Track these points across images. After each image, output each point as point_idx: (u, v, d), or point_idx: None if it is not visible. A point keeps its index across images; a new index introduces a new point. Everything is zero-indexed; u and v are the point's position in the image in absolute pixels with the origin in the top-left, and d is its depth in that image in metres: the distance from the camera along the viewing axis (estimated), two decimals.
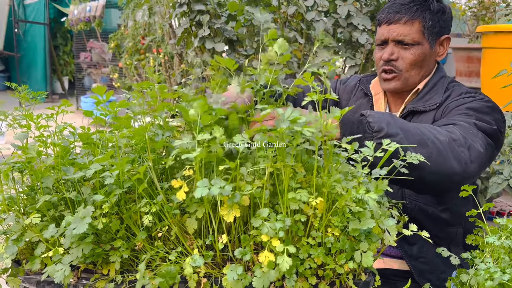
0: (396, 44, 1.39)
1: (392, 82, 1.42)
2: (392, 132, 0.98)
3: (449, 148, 1.04)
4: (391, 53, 1.39)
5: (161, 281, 0.79)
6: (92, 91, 6.17)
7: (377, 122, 0.99)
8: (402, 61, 1.39)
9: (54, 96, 9.70)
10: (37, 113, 0.95)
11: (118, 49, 7.02)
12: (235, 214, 0.75)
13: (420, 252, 1.33)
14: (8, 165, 0.90)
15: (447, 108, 1.33)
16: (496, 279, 0.80)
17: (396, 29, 1.37)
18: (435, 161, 1.00)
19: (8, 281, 0.89)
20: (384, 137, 0.95)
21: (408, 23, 1.36)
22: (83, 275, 0.87)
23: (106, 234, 0.86)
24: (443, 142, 1.04)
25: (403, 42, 1.37)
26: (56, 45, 10.53)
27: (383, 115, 1.01)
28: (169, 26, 3.41)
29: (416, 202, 1.32)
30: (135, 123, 1.00)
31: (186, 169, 0.83)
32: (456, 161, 1.04)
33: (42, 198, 0.84)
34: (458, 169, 1.04)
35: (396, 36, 1.37)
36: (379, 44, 1.44)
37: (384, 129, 0.98)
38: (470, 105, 1.27)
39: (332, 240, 0.78)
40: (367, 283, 0.80)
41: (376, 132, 0.98)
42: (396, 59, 1.39)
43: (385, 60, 1.40)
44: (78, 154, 1.01)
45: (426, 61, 1.40)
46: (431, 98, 1.38)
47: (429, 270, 1.17)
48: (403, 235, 1.25)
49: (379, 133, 0.98)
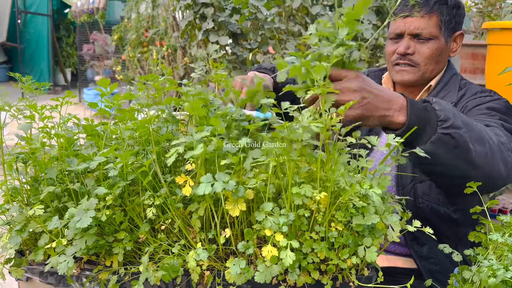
0: (412, 38, 1.34)
1: (408, 74, 1.36)
2: (457, 124, 0.91)
3: (499, 151, 1.00)
4: (407, 46, 1.34)
5: (164, 274, 0.79)
6: (96, 83, 6.19)
7: (444, 110, 0.90)
8: (419, 55, 1.34)
9: (57, 88, 9.70)
10: (40, 104, 0.95)
11: (121, 42, 7.01)
12: (241, 208, 0.75)
13: (430, 252, 1.30)
14: (12, 156, 0.90)
15: (465, 108, 1.29)
16: (499, 276, 0.79)
17: (413, 22, 1.32)
18: (489, 162, 0.96)
19: (12, 271, 0.89)
20: (450, 128, 0.89)
21: (425, 16, 1.31)
22: (86, 267, 0.88)
23: (109, 226, 0.86)
24: (495, 143, 1.00)
25: (420, 36, 1.33)
26: (59, 36, 10.52)
27: (447, 104, 0.94)
28: (172, 19, 3.40)
29: (428, 202, 1.30)
30: (139, 116, 1.00)
31: (189, 163, 0.83)
32: (503, 164, 1.01)
33: (46, 189, 0.84)
34: (504, 173, 1.01)
35: (413, 30, 1.32)
36: (392, 37, 1.39)
37: (450, 119, 0.90)
38: (490, 105, 1.23)
39: (335, 235, 0.78)
40: (369, 278, 0.80)
41: (442, 121, 0.89)
42: (412, 53, 1.34)
43: (401, 54, 1.35)
44: (82, 145, 1.01)
45: (441, 56, 1.36)
46: (445, 97, 1.34)
47: (439, 270, 1.15)
48: (413, 235, 1.25)
49: (445, 123, 0.89)
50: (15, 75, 0.98)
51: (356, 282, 0.79)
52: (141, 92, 0.96)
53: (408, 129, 0.87)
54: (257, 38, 2.45)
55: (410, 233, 1.31)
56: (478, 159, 0.92)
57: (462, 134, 0.90)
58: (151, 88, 0.97)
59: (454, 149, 0.89)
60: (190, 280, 0.82)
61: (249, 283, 0.80)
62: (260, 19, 2.43)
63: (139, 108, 0.97)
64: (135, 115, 0.96)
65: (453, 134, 0.88)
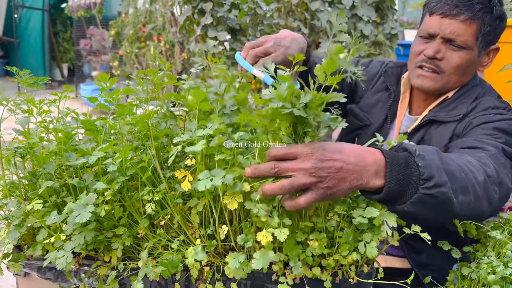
0: (444, 42, 1.22)
1: (430, 81, 1.26)
2: (441, 181, 0.80)
3: (485, 190, 0.92)
4: (437, 50, 1.22)
5: (163, 269, 0.79)
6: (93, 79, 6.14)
7: (427, 167, 0.79)
8: (447, 62, 1.23)
9: (54, 83, 9.65)
10: (37, 100, 0.94)
11: (118, 37, 6.97)
12: (238, 200, 0.75)
13: (429, 259, 1.29)
14: (10, 150, 0.89)
15: (470, 124, 1.20)
16: (498, 273, 0.80)
17: (450, 26, 1.20)
18: (472, 207, 0.89)
19: (10, 266, 0.89)
20: (433, 187, 0.79)
21: (465, 22, 1.18)
22: (84, 262, 0.87)
23: (108, 221, 0.85)
24: (480, 184, 0.91)
25: (454, 42, 1.21)
26: (55, 31, 10.45)
27: (432, 156, 0.83)
28: (170, 14, 3.38)
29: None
30: (138, 110, 0.99)
31: (189, 158, 0.83)
32: (487, 203, 0.93)
33: (44, 184, 0.83)
34: (487, 212, 0.94)
35: (448, 34, 1.20)
36: (423, 36, 1.26)
37: (434, 178, 0.79)
38: (498, 125, 1.14)
39: (334, 225, 0.78)
40: (369, 275, 0.80)
41: (424, 180, 0.78)
42: (441, 58, 1.23)
43: (428, 57, 1.24)
44: (80, 140, 1.00)
45: (469, 69, 1.25)
46: (456, 108, 1.25)
47: (438, 277, 1.13)
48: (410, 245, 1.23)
49: (428, 182, 0.78)
50: (12, 69, 0.97)
51: (356, 278, 0.79)
52: (140, 87, 0.95)
53: (387, 194, 0.77)
54: (256, 33, 2.44)
55: (407, 243, 1.31)
56: (459, 209, 0.85)
57: (445, 191, 0.81)
58: (150, 83, 0.97)
59: (435, 207, 0.81)
60: (189, 275, 0.81)
61: (249, 278, 0.80)
62: (259, 14, 2.42)
63: (138, 103, 0.96)
64: (134, 110, 0.96)
65: (436, 193, 0.79)
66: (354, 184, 0.75)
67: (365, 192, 0.81)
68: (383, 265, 1.32)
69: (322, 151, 0.74)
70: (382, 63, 1.51)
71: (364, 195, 0.82)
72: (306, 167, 0.72)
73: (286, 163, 0.74)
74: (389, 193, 0.77)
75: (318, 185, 0.73)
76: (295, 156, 0.74)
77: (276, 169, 0.74)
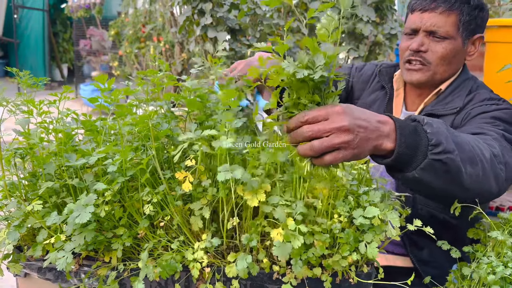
0: (427, 35, 1.29)
1: (418, 74, 1.32)
2: (449, 148, 0.83)
3: (492, 167, 0.95)
4: (421, 43, 1.29)
5: (161, 271, 0.79)
6: (93, 79, 6.14)
7: (435, 134, 0.82)
8: (432, 54, 1.29)
9: (53, 84, 9.64)
10: (36, 100, 0.94)
11: (118, 37, 6.97)
12: (260, 199, 0.75)
13: (430, 256, 1.30)
14: (10, 151, 0.89)
15: (468, 115, 1.24)
16: (498, 273, 0.80)
17: (430, 19, 1.27)
18: (480, 181, 0.91)
19: (10, 267, 0.89)
20: (442, 153, 0.81)
21: (444, 13, 1.26)
22: (84, 262, 0.87)
23: (108, 222, 0.85)
24: (487, 160, 0.94)
25: (436, 33, 1.27)
26: (55, 32, 10.44)
27: (440, 125, 0.86)
28: (170, 14, 3.38)
29: (427, 208, 1.28)
30: (138, 111, 0.99)
31: (189, 158, 0.83)
32: (495, 181, 0.96)
33: (44, 184, 0.83)
34: (495, 190, 0.96)
35: (429, 26, 1.27)
36: (407, 33, 1.34)
37: (442, 144, 0.82)
38: (495, 114, 1.19)
39: (338, 227, 0.78)
40: (369, 275, 0.80)
41: (433, 146, 0.81)
42: (425, 50, 1.29)
43: (413, 50, 1.30)
44: (80, 141, 1.00)
45: (455, 58, 1.30)
46: (452, 101, 1.30)
47: (440, 275, 1.13)
48: (412, 240, 1.24)
49: (437, 148, 0.81)
50: (12, 69, 0.97)
51: (356, 279, 0.79)
52: (139, 88, 0.95)
53: (398, 157, 0.80)
54: (256, 34, 2.44)
55: (409, 238, 1.32)
56: (469, 181, 0.88)
57: (453, 158, 0.83)
58: (150, 84, 0.97)
59: (444, 174, 0.83)
60: (190, 275, 0.81)
61: (249, 278, 0.80)
62: (259, 14, 2.42)
63: (138, 104, 0.96)
64: (134, 111, 0.96)
65: (445, 159, 0.82)
66: (373, 144, 0.77)
67: (376, 157, 0.83)
68: (384, 263, 1.32)
69: (351, 110, 0.75)
70: (376, 65, 1.58)
71: (374, 159, 0.84)
72: (339, 126, 0.72)
73: (318, 125, 0.73)
74: (399, 156, 0.79)
75: (350, 143, 0.73)
76: (325, 117, 0.73)
77: (309, 132, 0.73)
